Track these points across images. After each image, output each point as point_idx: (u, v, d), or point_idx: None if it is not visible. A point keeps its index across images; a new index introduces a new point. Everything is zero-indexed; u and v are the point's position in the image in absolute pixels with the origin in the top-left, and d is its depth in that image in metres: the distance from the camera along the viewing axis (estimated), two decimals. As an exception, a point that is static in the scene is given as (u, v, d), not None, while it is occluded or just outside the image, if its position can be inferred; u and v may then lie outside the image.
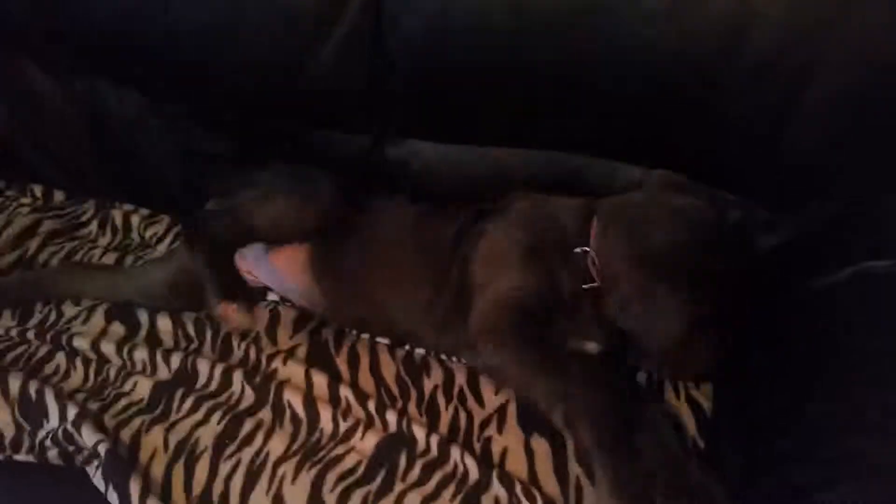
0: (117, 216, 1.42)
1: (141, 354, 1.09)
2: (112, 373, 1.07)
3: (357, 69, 1.16)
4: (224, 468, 0.93)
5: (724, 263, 0.94)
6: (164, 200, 1.41)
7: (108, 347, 1.11)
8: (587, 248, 0.99)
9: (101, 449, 0.92)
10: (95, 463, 0.91)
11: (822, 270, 0.93)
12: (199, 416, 1.00)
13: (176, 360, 1.08)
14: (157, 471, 0.93)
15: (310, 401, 1.02)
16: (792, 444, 0.82)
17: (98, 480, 0.91)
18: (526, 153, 1.19)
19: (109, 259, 1.32)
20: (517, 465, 0.96)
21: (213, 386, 1.05)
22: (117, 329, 1.15)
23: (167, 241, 1.36)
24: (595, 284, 0.98)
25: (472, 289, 1.04)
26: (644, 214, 0.98)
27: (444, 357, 1.12)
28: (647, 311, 0.93)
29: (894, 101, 0.92)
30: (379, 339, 1.15)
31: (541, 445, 0.98)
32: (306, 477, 0.92)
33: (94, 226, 1.41)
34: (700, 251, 0.93)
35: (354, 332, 1.16)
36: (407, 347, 1.13)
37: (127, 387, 1.04)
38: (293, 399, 1.02)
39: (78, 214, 1.44)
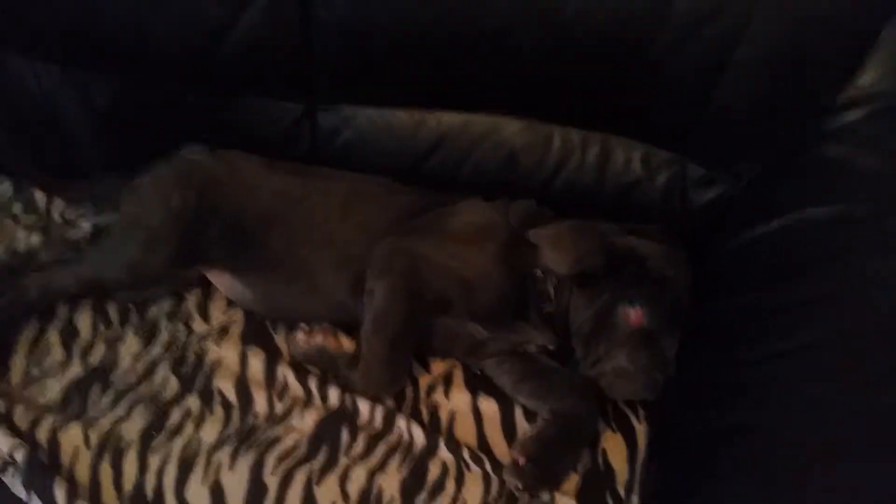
0: (39, 197, 1.26)
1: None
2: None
3: (286, 32, 1.05)
4: (154, 461, 0.83)
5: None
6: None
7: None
8: (539, 272, 0.96)
9: (19, 456, 0.80)
10: (11, 471, 0.80)
11: (752, 223, 0.93)
12: (119, 411, 0.88)
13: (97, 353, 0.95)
14: (83, 471, 0.82)
15: (242, 384, 0.92)
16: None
17: (18, 489, 0.80)
18: (467, 117, 1.11)
19: (35, 241, 1.16)
20: (466, 428, 0.92)
21: (133, 378, 0.92)
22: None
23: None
24: (551, 309, 0.95)
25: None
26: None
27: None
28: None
29: (819, 57, 0.90)
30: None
31: (489, 406, 0.94)
32: (244, 462, 0.84)
33: (17, 208, 1.24)
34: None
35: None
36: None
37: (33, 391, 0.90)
38: (223, 385, 0.92)
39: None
